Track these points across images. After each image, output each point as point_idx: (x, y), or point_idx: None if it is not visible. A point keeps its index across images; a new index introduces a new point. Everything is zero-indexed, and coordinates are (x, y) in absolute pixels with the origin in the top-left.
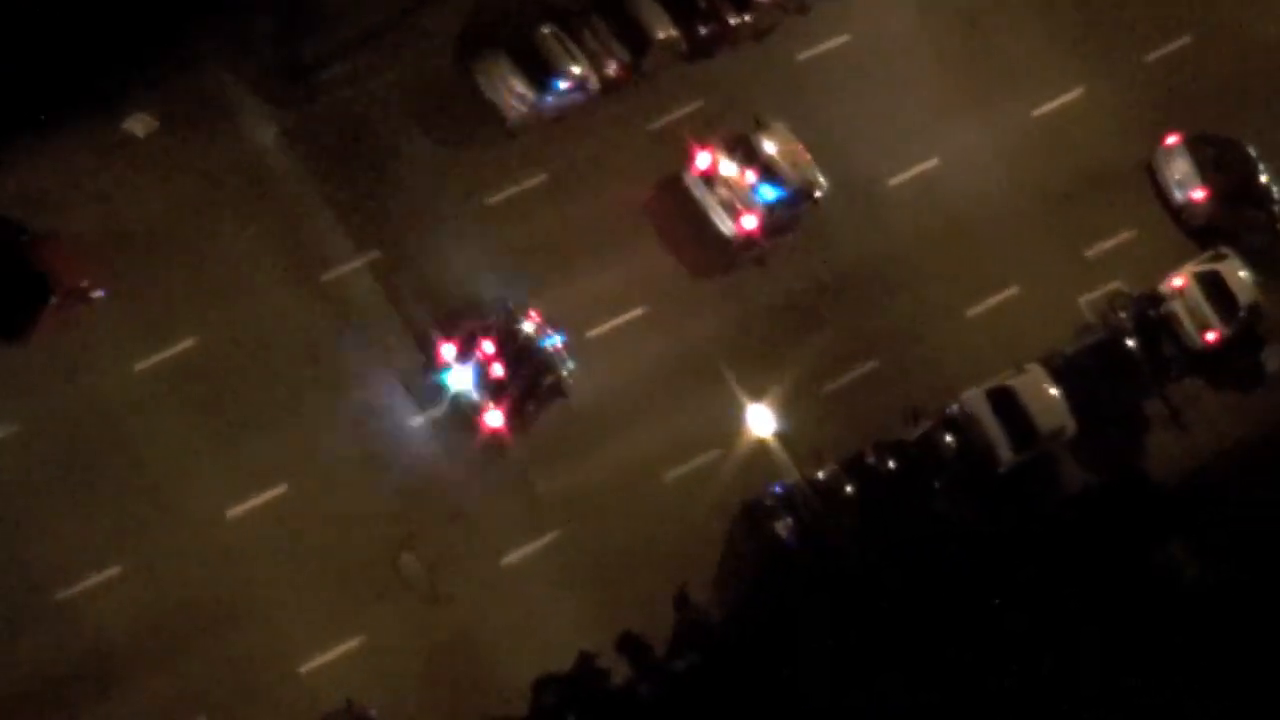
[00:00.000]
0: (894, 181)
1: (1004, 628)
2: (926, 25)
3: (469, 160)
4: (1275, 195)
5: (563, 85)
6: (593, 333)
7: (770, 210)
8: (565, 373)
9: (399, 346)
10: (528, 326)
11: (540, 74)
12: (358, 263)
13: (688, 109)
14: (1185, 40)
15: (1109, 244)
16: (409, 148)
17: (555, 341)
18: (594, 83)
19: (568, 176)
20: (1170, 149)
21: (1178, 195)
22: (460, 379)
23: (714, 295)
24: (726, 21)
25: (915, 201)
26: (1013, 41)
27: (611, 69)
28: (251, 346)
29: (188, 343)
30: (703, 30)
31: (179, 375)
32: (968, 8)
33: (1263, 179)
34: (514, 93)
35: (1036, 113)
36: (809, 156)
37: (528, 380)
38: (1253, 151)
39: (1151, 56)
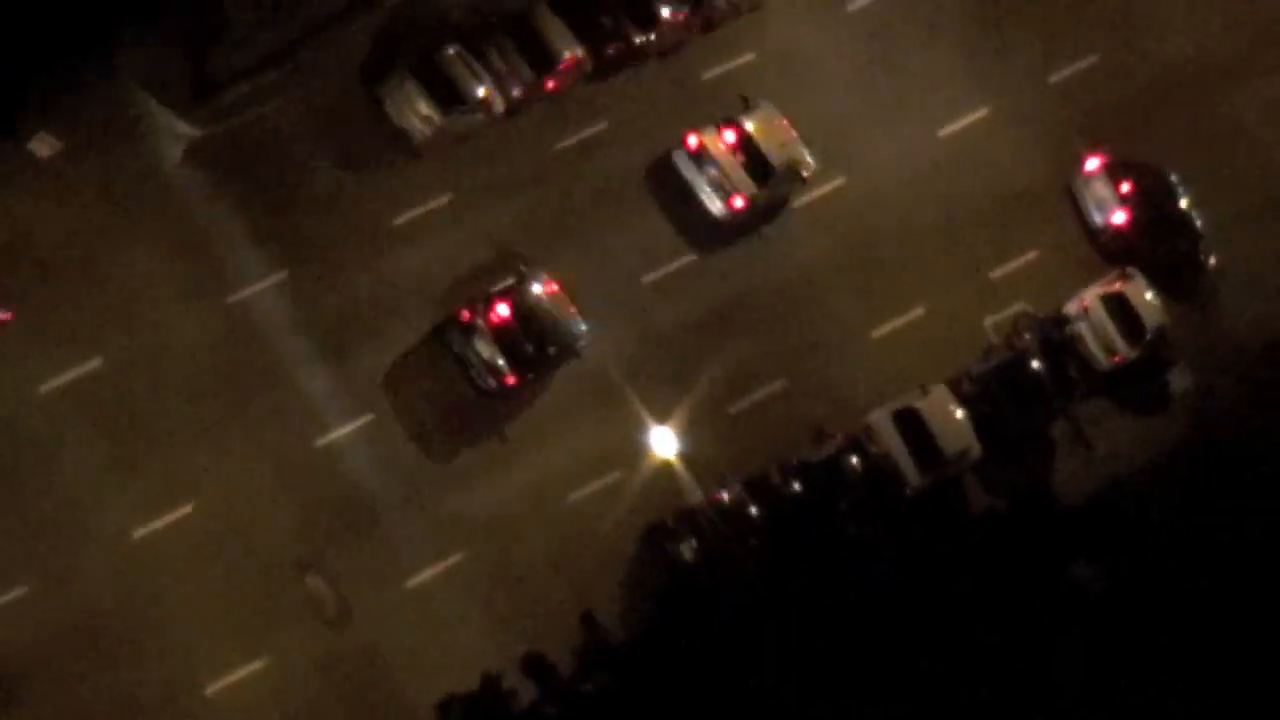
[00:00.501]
0: (800, 201)
1: (914, 648)
2: (832, 45)
3: (375, 181)
4: (1194, 221)
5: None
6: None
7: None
8: (579, 338)
9: (306, 366)
10: (538, 289)
11: (446, 95)
12: (264, 283)
13: (594, 128)
14: (1091, 60)
15: (1014, 265)
16: (316, 168)
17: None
18: (499, 103)
19: (473, 197)
20: (1091, 173)
21: (1097, 218)
22: (480, 342)
23: (619, 315)
24: (632, 41)
25: (822, 221)
26: (918, 62)
27: (517, 89)
28: (157, 367)
29: (94, 363)
30: (609, 50)
31: (85, 395)
32: (873, 29)
33: (1182, 204)
34: (419, 114)
35: (943, 133)
36: (795, 135)
37: (536, 344)
38: (1174, 178)
39: (1056, 77)
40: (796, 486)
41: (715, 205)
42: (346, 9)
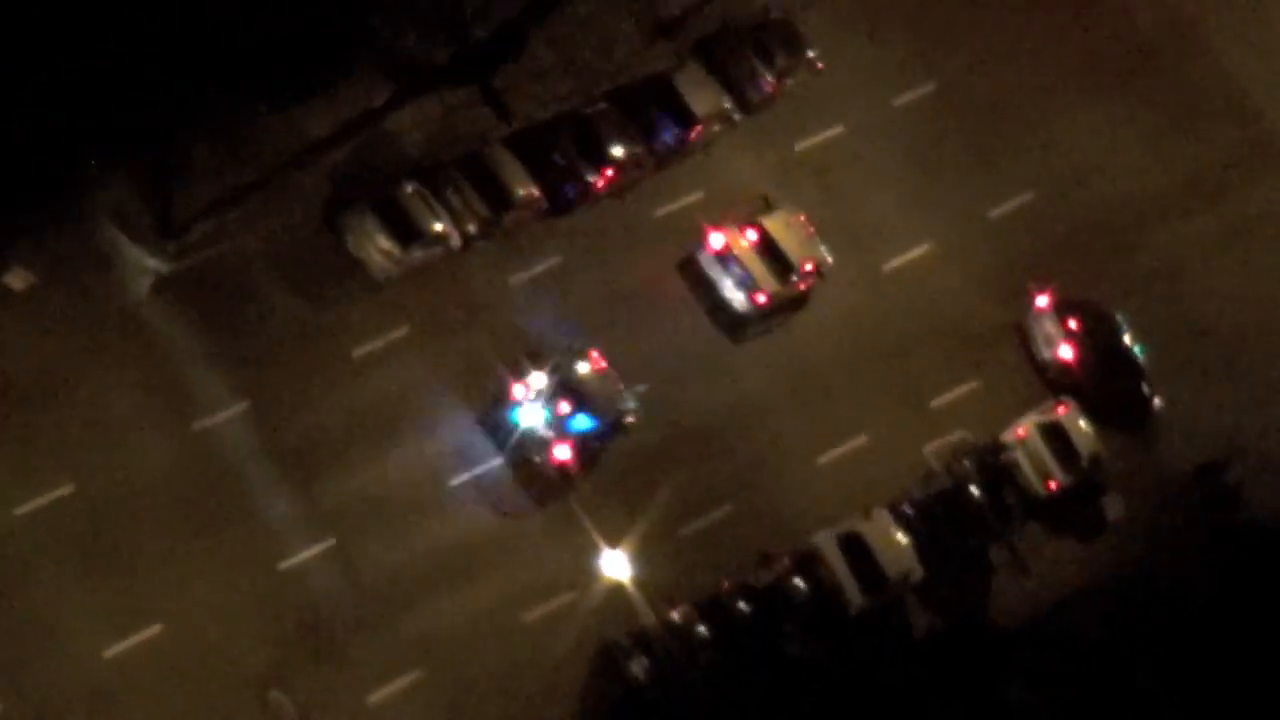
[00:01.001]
0: (751, 331)
1: None
2: (779, 182)
3: (336, 313)
4: (1137, 360)
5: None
6: (454, 481)
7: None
8: (629, 414)
9: (270, 491)
10: (584, 368)
11: (404, 230)
12: (229, 412)
13: (548, 263)
14: (1027, 197)
15: (955, 394)
16: (279, 301)
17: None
18: (456, 239)
19: (430, 328)
20: (1041, 309)
21: (1045, 353)
22: (530, 416)
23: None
24: (585, 179)
25: (770, 351)
26: (864, 198)
27: (473, 225)
28: (127, 491)
29: (65, 489)
30: (564, 186)
31: (57, 519)
32: (820, 165)
33: (1126, 342)
34: (379, 247)
35: (887, 267)
36: (813, 231)
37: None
38: (1119, 318)
39: (994, 213)
40: (743, 607)
41: (739, 301)
42: (308, 149)
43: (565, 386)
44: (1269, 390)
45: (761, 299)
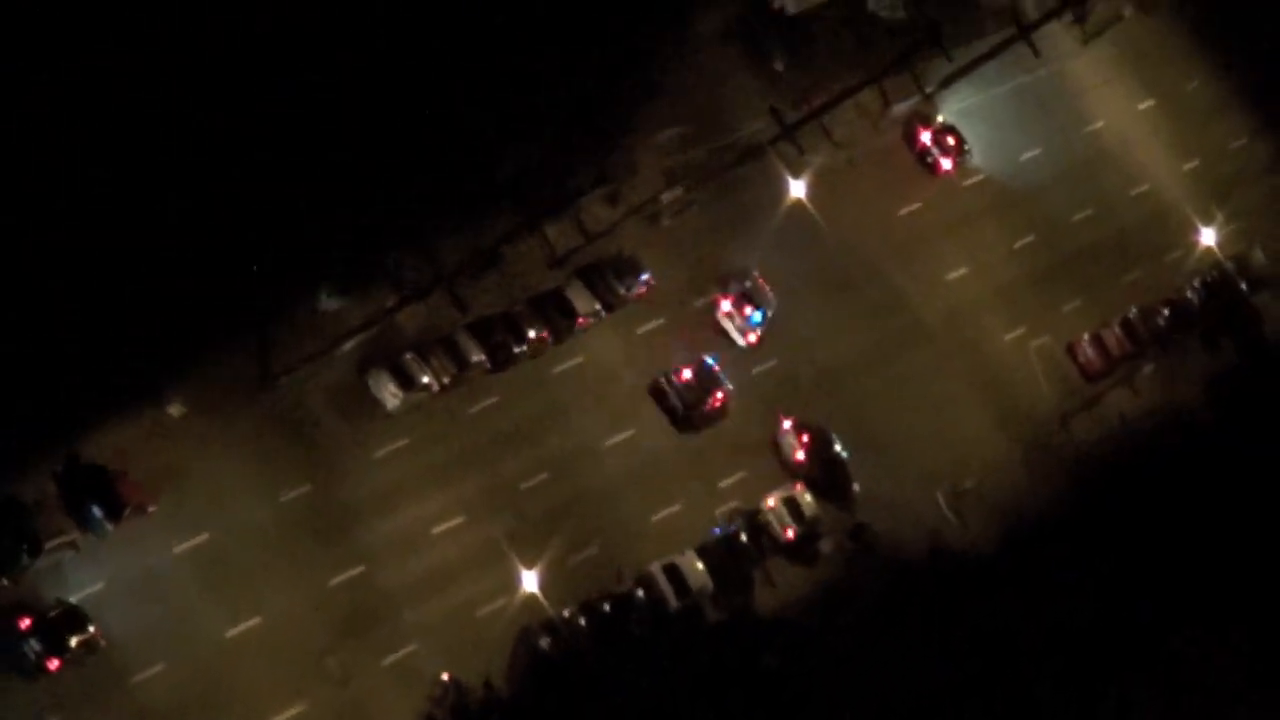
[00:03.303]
0: (609, 443)
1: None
2: (626, 352)
3: (361, 430)
4: (844, 458)
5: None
6: (436, 530)
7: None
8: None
9: (324, 538)
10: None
11: (405, 380)
12: (300, 490)
13: (490, 400)
14: (774, 362)
15: (731, 479)
16: (330, 421)
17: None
18: (435, 386)
19: (421, 440)
20: (785, 430)
21: (788, 455)
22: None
23: (500, 509)
24: (512, 349)
25: (628, 456)
26: (675, 361)
27: (446, 378)
28: (247, 535)
29: (204, 536)
30: (500, 354)
31: (202, 556)
32: (648, 342)
33: (837, 448)
34: (389, 391)
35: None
36: (768, 287)
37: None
38: (832, 434)
39: (757, 370)
40: (606, 607)
41: (741, 341)
42: (350, 330)
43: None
44: (919, 480)
45: (753, 338)
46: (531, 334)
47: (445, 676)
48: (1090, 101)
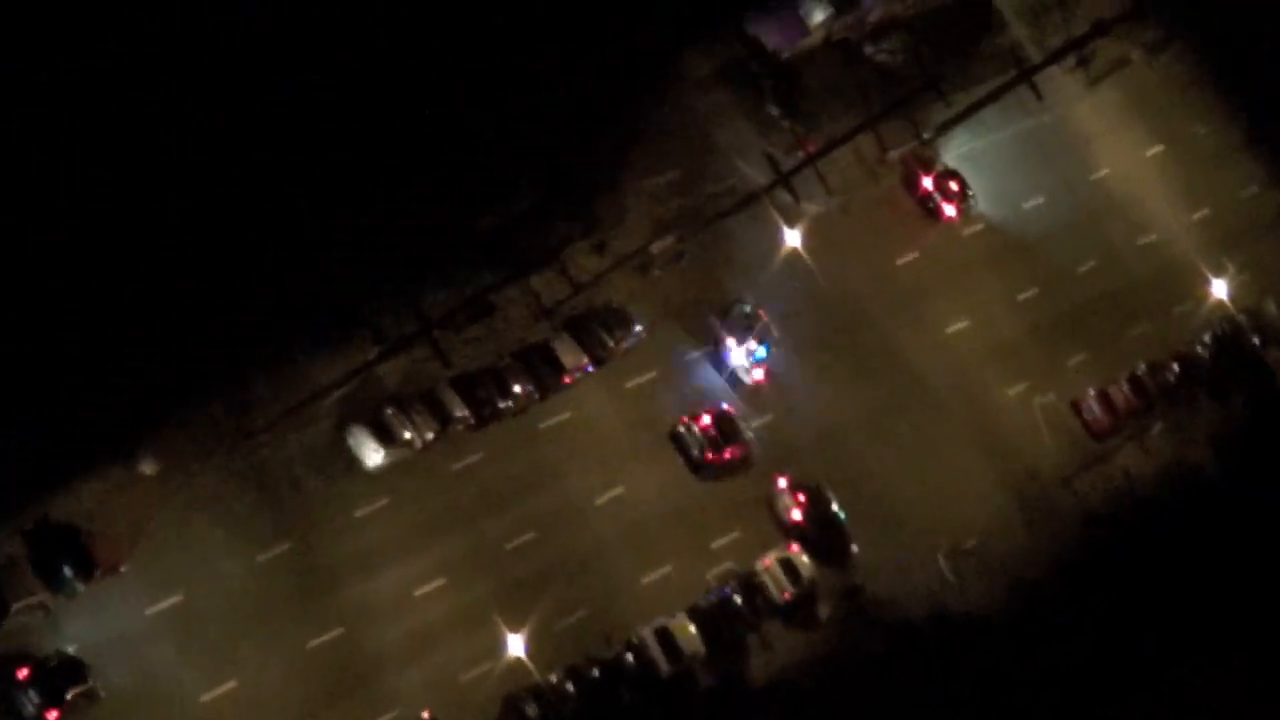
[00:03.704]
0: (597, 501)
1: None
2: (615, 408)
3: (344, 489)
4: (841, 518)
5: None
6: (420, 591)
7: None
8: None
9: (301, 601)
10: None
11: (387, 436)
12: (277, 550)
13: (476, 457)
14: (768, 418)
15: (725, 540)
16: (309, 480)
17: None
18: (418, 443)
19: (402, 499)
20: (781, 489)
21: (783, 515)
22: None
23: (483, 571)
24: (496, 404)
25: (617, 515)
26: (666, 417)
27: (429, 434)
28: (223, 595)
29: (176, 598)
30: (484, 410)
31: (176, 620)
32: (638, 398)
33: (834, 508)
34: (369, 448)
35: (683, 459)
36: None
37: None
38: (829, 493)
39: (755, 424)
40: (595, 673)
41: (748, 380)
42: (329, 385)
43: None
44: (919, 540)
45: (759, 375)
46: (517, 388)
47: None
48: (1096, 148)
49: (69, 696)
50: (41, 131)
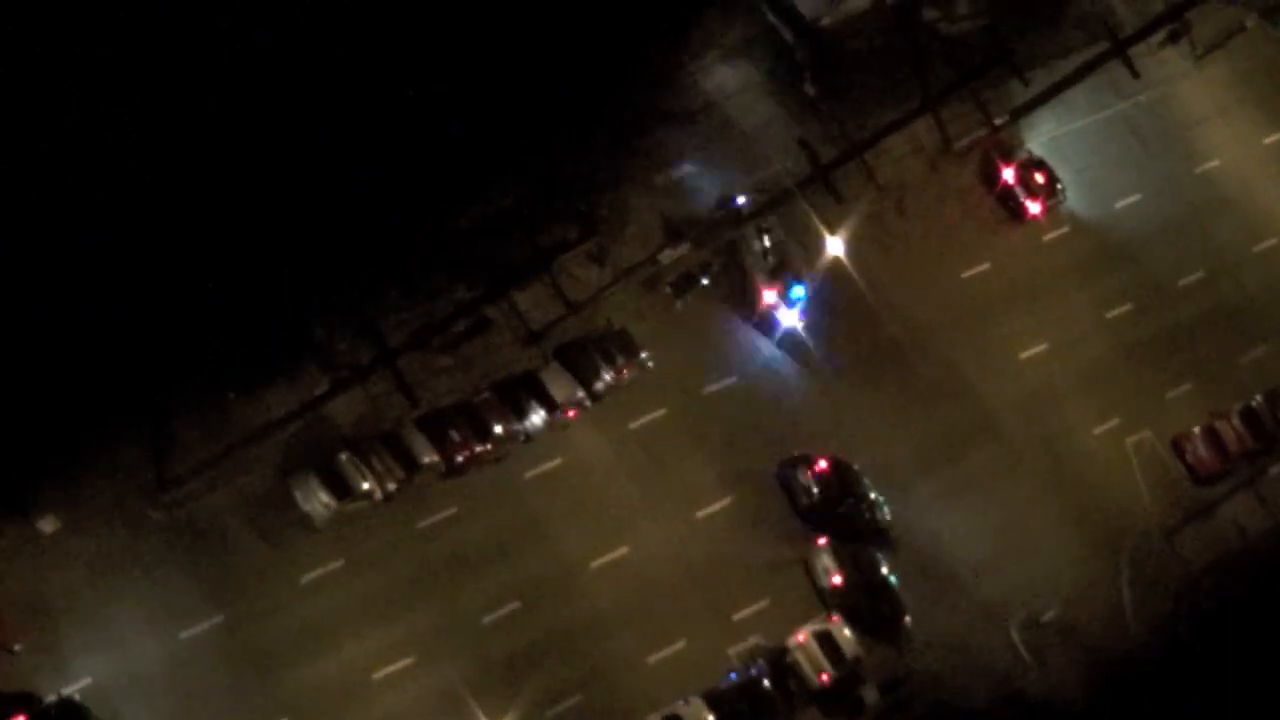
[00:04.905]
0: (595, 565)
1: None
2: (616, 452)
3: (289, 550)
4: (893, 587)
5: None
6: (378, 674)
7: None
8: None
9: (239, 685)
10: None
11: (340, 487)
12: (209, 623)
13: (446, 513)
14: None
15: (750, 610)
16: (245, 540)
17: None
18: (379, 494)
19: (360, 561)
20: (820, 547)
21: (823, 580)
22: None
23: (460, 647)
24: (473, 449)
25: (610, 580)
26: (678, 463)
27: (391, 484)
28: (134, 681)
29: (86, 681)
30: (457, 455)
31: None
32: (644, 440)
33: (884, 570)
34: (321, 501)
35: (699, 514)
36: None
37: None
38: (879, 553)
39: (769, 468)
40: None
41: (786, 325)
42: (267, 426)
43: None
44: (987, 611)
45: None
46: (498, 429)
47: None
48: (1203, 135)
49: None
50: None
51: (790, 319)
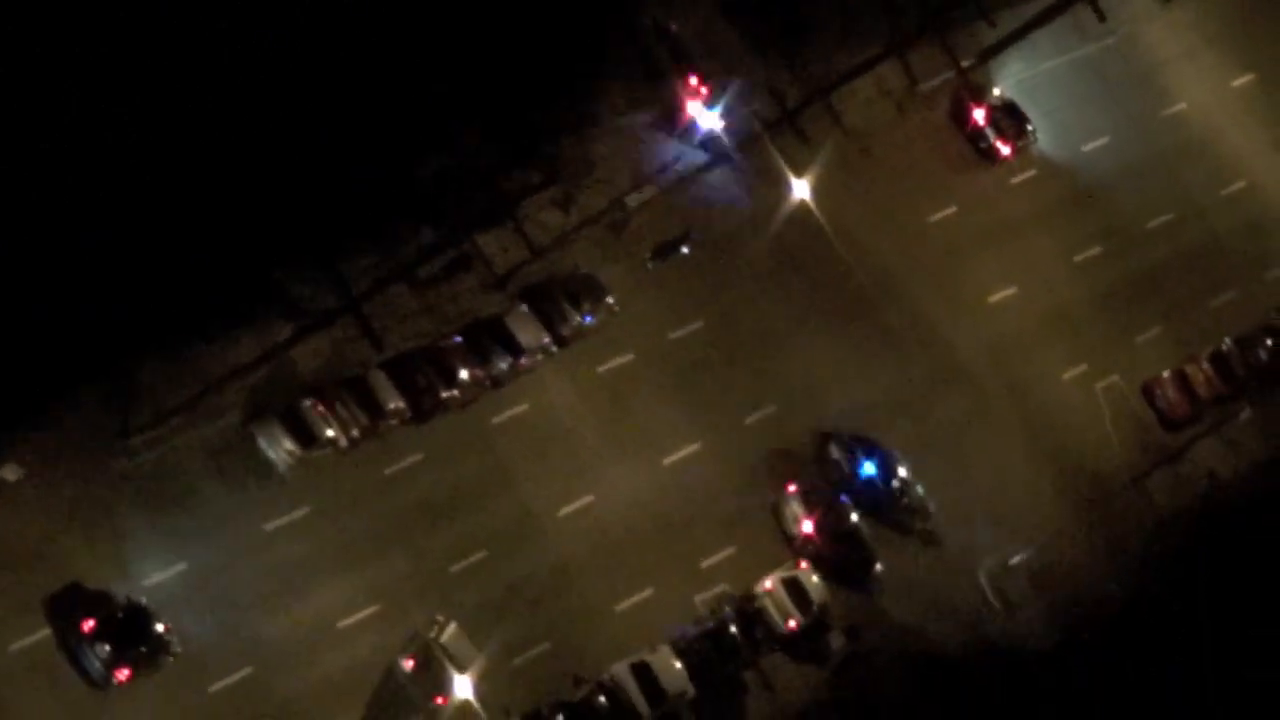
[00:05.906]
0: (562, 512)
1: None
2: (583, 398)
3: (251, 498)
4: (864, 535)
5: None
6: (343, 623)
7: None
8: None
9: (197, 634)
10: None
11: (304, 435)
12: (170, 571)
13: (412, 459)
14: (771, 409)
15: (718, 558)
16: (209, 488)
17: None
18: (343, 441)
19: (325, 509)
20: (791, 494)
21: (792, 527)
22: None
23: (429, 601)
24: (439, 394)
25: (576, 528)
26: (646, 409)
27: (356, 431)
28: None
29: (42, 633)
30: (423, 401)
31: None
32: (611, 385)
33: (853, 518)
34: (284, 449)
35: (666, 461)
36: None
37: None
38: (848, 500)
39: (749, 420)
40: (560, 718)
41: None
42: (230, 373)
43: None
44: (957, 556)
45: None
46: (464, 374)
47: None
48: (1171, 77)
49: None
50: None
51: (710, 121)
